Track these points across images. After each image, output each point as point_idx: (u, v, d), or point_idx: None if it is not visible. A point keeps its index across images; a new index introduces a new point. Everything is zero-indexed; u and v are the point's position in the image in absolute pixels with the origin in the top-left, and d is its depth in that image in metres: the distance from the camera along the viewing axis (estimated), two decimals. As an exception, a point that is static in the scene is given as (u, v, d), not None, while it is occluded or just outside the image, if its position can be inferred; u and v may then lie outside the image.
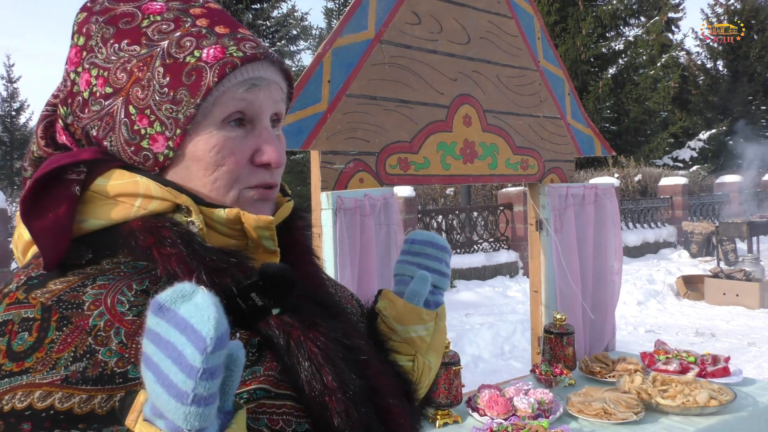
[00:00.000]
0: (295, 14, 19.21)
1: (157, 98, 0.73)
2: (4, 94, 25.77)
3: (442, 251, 1.03)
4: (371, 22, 2.27)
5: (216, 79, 0.72)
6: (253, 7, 18.24)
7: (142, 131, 0.74)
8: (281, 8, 19.11)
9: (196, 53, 0.73)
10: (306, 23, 20.30)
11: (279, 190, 0.86)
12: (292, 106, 2.06)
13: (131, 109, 0.74)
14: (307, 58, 31.38)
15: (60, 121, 0.79)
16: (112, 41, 0.75)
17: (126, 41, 0.74)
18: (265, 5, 18.52)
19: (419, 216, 9.82)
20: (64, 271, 0.69)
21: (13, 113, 25.71)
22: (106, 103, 0.74)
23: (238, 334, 0.70)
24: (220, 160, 0.75)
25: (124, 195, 0.73)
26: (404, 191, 8.82)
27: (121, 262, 0.71)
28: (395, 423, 0.78)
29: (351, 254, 2.08)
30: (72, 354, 0.63)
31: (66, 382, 0.62)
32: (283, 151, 0.80)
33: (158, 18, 0.75)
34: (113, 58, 0.74)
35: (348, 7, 2.24)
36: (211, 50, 0.74)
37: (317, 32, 24.43)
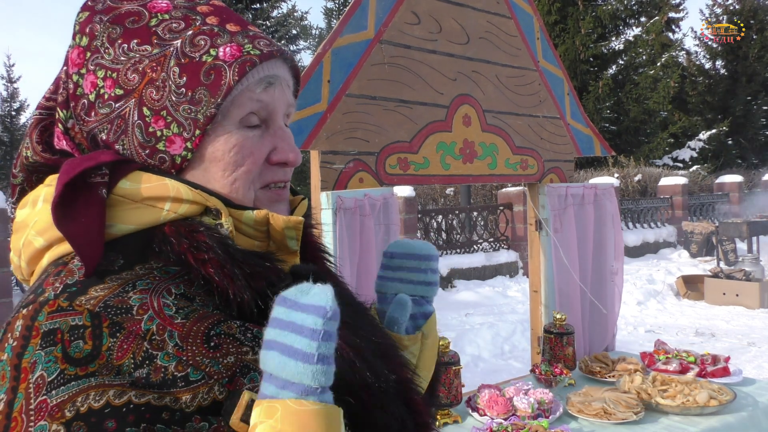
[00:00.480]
0: (295, 14, 19.23)
1: (174, 99, 0.71)
2: (4, 94, 25.80)
3: (426, 260, 0.98)
4: (371, 22, 2.27)
5: (237, 78, 0.72)
6: (253, 7, 18.25)
7: (158, 133, 0.72)
8: (281, 8, 19.13)
9: (212, 52, 0.72)
10: (306, 23, 20.33)
11: None
12: (291, 106, 2.07)
13: (145, 111, 0.72)
14: (307, 58, 31.37)
15: (60, 125, 0.76)
16: (120, 41, 0.73)
17: (135, 41, 0.72)
18: (265, 5, 18.53)
19: (419, 216, 9.81)
20: (101, 277, 0.67)
21: (13, 113, 25.74)
22: (117, 105, 0.72)
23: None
24: (239, 161, 0.74)
25: (152, 198, 0.70)
26: (404, 191, 8.82)
27: (154, 267, 0.69)
28: (422, 416, 0.78)
29: (351, 254, 2.08)
30: (132, 360, 0.62)
31: (134, 386, 0.61)
32: (298, 150, 0.80)
33: (166, 16, 0.74)
34: (122, 58, 0.72)
35: (348, 7, 2.24)
36: (227, 48, 0.73)
37: (317, 32, 24.44)
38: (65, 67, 0.76)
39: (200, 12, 0.75)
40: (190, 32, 0.73)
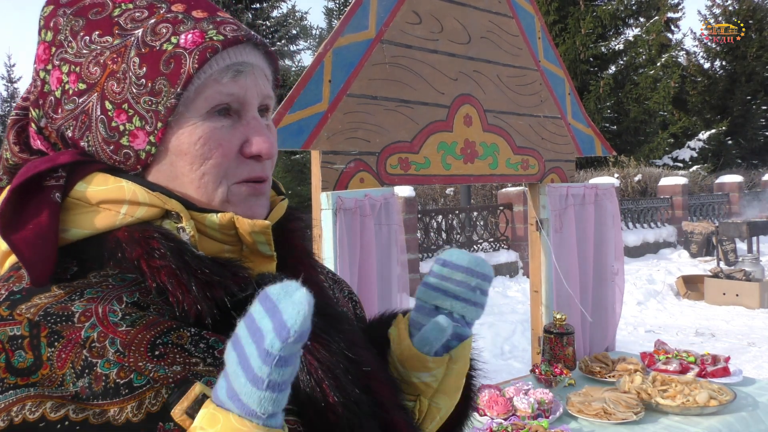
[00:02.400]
0: (295, 14, 19.22)
1: (135, 91, 0.68)
2: (5, 94, 25.79)
3: (477, 277, 0.85)
4: (372, 21, 2.27)
5: (196, 65, 0.67)
6: (252, 7, 18.25)
7: (121, 127, 0.68)
8: (281, 8, 19.13)
9: (174, 39, 0.68)
10: (306, 23, 20.31)
11: (272, 187, 0.82)
12: (292, 107, 2.06)
13: (107, 105, 0.68)
14: (307, 58, 31.38)
15: (33, 124, 0.74)
16: (82, 34, 0.69)
17: (97, 32, 0.69)
18: (264, 5, 18.53)
19: (419, 216, 9.81)
20: (51, 284, 0.65)
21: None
22: (80, 100, 0.69)
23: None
24: (206, 153, 0.69)
25: (108, 201, 0.68)
26: (404, 191, 8.81)
27: (109, 274, 0.67)
28: None
29: (351, 254, 2.08)
30: (72, 370, 0.59)
31: (77, 398, 0.59)
32: (274, 142, 0.75)
33: (130, 6, 0.70)
34: (84, 51, 0.69)
35: (349, 7, 2.24)
36: (189, 35, 0.68)
37: (317, 32, 24.44)
38: (35, 65, 0.74)
39: (167, 0, 0.72)
40: (153, 21, 0.69)
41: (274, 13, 19.04)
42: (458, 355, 0.85)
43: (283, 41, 18.73)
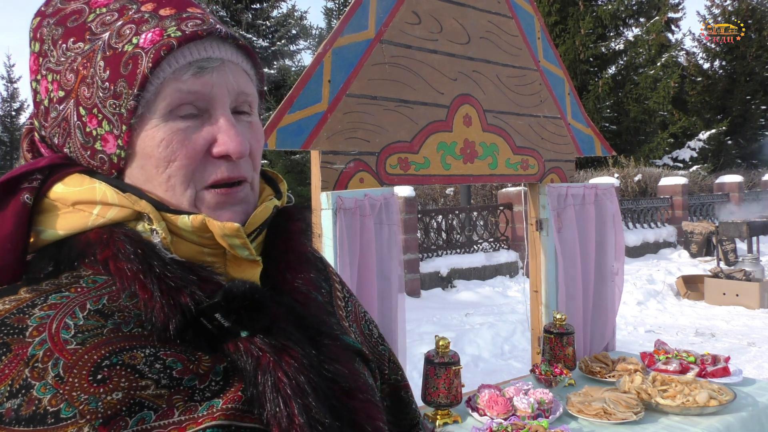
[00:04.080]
0: (295, 14, 19.22)
1: (101, 95, 0.67)
2: (5, 94, 25.81)
3: None
4: (371, 21, 2.27)
5: (150, 65, 0.65)
6: (252, 7, 18.24)
7: (94, 132, 0.68)
8: (281, 8, 19.12)
9: (134, 40, 0.67)
10: (306, 23, 20.31)
11: (269, 184, 0.80)
12: (291, 107, 2.06)
13: (81, 111, 0.69)
14: (307, 58, 31.36)
15: (35, 133, 0.75)
16: (60, 42, 0.70)
17: (72, 39, 0.69)
18: (264, 5, 18.52)
19: (419, 216, 9.82)
20: (21, 286, 0.64)
21: (13, 113, 25.74)
22: (61, 107, 0.70)
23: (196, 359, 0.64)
24: (170, 155, 0.67)
25: (82, 202, 0.67)
26: (404, 191, 8.82)
27: (82, 275, 0.66)
28: None
29: (351, 254, 2.08)
30: (8, 388, 0.57)
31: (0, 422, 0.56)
32: (246, 140, 0.71)
33: (104, 10, 0.70)
34: (62, 59, 0.69)
35: (348, 7, 2.24)
36: (149, 34, 0.66)
37: (317, 32, 24.42)
38: (30, 76, 0.75)
39: (140, 0, 0.70)
40: (120, 22, 0.68)
41: (274, 13, 19.03)
42: None
43: (283, 41, 18.72)
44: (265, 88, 0.82)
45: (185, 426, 0.59)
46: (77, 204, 0.67)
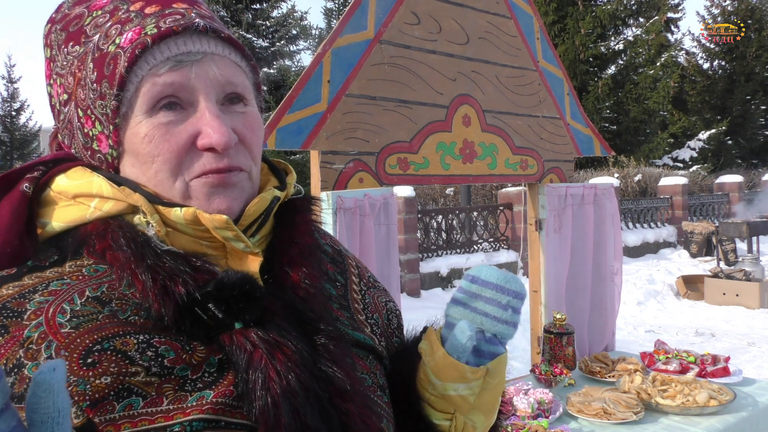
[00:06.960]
0: (295, 14, 19.22)
1: (92, 96, 0.69)
2: (5, 94, 25.79)
3: (508, 295, 0.83)
4: (371, 22, 2.27)
5: (126, 64, 0.66)
6: (252, 7, 18.25)
7: (90, 133, 0.71)
8: (281, 8, 19.13)
9: (117, 40, 0.68)
10: (305, 23, 20.30)
11: (275, 175, 0.79)
12: (291, 107, 2.06)
13: (79, 113, 0.71)
14: (307, 58, 31.38)
15: (59, 135, 0.78)
16: (63, 46, 0.72)
17: (71, 43, 0.72)
18: (264, 5, 18.53)
19: (419, 216, 9.81)
20: (25, 273, 0.66)
21: (14, 113, 25.72)
22: (65, 110, 0.73)
23: (189, 349, 0.63)
24: (154, 150, 0.68)
25: (82, 195, 0.69)
26: (404, 191, 8.82)
27: (84, 264, 0.67)
28: None
29: (351, 254, 2.08)
30: (2, 367, 0.58)
31: None
32: (230, 130, 0.69)
33: (99, 12, 0.71)
34: (64, 63, 0.72)
35: (348, 7, 2.24)
36: (129, 34, 0.67)
37: (317, 32, 24.42)
38: (45, 81, 0.77)
39: (131, 0, 0.71)
40: (109, 24, 0.70)
41: (274, 13, 19.04)
42: (495, 369, 0.82)
43: (282, 41, 18.72)
44: (264, 87, 0.81)
45: (173, 415, 0.60)
46: (77, 197, 0.69)
